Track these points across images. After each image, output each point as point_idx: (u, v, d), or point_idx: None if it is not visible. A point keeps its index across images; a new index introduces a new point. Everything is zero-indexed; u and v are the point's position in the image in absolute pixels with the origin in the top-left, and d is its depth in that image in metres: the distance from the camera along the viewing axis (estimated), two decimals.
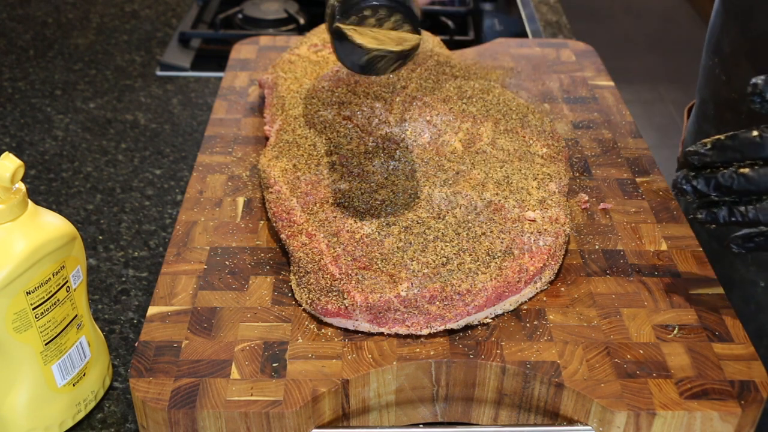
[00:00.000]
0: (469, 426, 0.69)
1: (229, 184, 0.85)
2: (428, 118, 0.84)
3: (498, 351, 0.66)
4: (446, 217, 0.73)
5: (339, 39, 0.69)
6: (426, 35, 1.00)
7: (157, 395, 0.62)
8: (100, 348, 0.71)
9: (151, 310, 0.70)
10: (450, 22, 1.45)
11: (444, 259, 0.69)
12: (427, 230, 0.72)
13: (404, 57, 0.70)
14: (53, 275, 0.64)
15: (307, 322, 0.69)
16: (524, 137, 0.84)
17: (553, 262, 0.72)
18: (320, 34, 1.03)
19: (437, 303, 0.67)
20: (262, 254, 0.76)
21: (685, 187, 0.62)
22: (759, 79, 0.58)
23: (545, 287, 0.72)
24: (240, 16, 1.44)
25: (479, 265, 0.69)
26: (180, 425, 0.62)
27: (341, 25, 0.68)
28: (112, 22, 1.47)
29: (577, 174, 0.88)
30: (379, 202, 0.74)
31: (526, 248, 0.71)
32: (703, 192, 0.62)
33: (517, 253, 0.71)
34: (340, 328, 0.68)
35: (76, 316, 0.67)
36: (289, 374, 0.64)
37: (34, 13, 1.49)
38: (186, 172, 1.04)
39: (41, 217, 0.64)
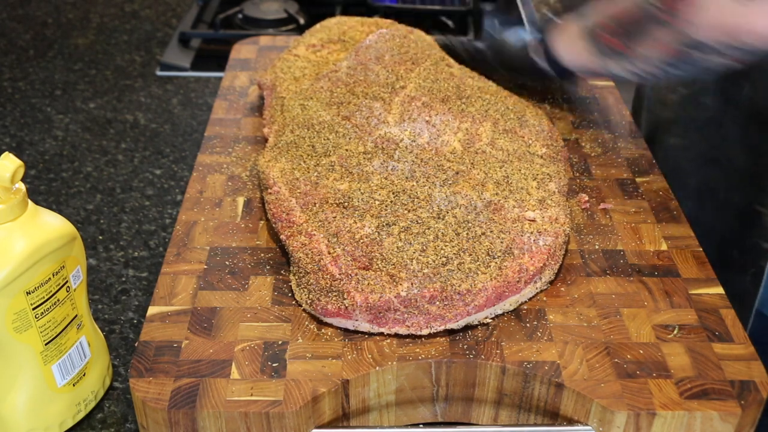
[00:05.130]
0: (469, 426, 0.69)
1: (229, 184, 0.85)
2: (427, 118, 0.84)
3: (498, 351, 0.66)
4: (446, 217, 0.73)
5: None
6: (425, 35, 1.00)
7: (157, 395, 0.62)
8: (100, 348, 0.71)
9: (151, 310, 0.70)
10: (450, 22, 1.45)
11: (444, 259, 0.69)
12: (427, 230, 0.72)
13: None
14: (53, 275, 0.63)
15: (307, 322, 0.69)
16: (523, 137, 0.84)
17: (553, 262, 0.72)
18: (318, 33, 1.03)
19: (437, 303, 0.67)
20: (262, 254, 0.76)
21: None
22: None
23: (545, 287, 0.72)
24: (240, 16, 1.44)
25: (479, 265, 0.69)
26: (180, 425, 0.62)
27: None
28: (112, 22, 1.47)
29: (577, 174, 0.88)
30: (378, 202, 0.74)
31: (526, 248, 0.71)
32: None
33: (517, 253, 0.71)
34: (340, 328, 0.68)
35: (76, 316, 0.67)
36: (289, 374, 0.64)
37: (34, 13, 1.49)
38: (186, 172, 1.04)
39: (41, 217, 0.64)
